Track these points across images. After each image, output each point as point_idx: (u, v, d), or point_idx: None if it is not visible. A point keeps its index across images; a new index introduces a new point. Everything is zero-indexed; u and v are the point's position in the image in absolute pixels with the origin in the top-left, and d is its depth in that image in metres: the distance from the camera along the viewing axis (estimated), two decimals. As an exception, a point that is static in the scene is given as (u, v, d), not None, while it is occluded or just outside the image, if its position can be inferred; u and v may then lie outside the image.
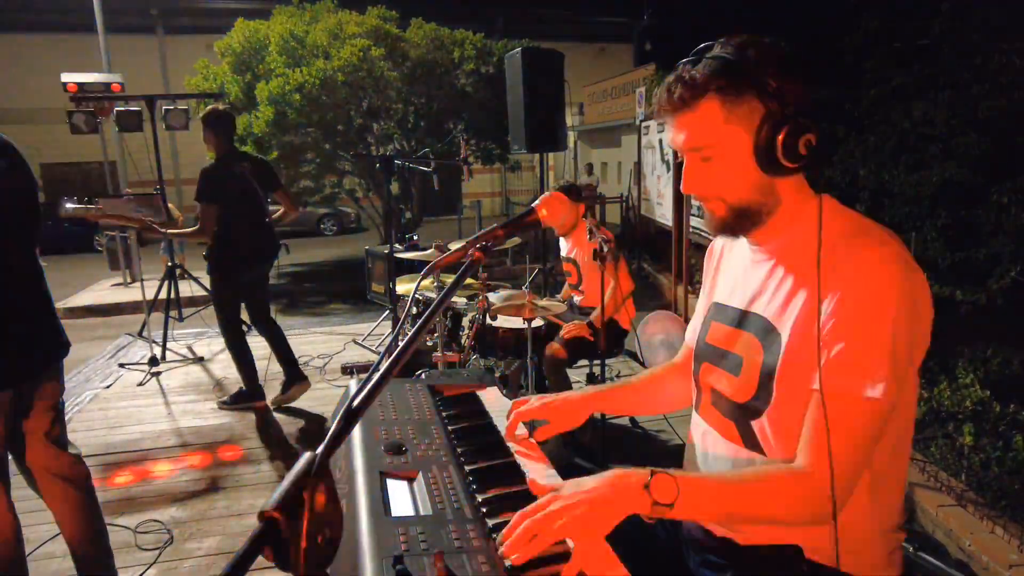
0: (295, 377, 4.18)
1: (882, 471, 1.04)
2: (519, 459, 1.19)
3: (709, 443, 1.19)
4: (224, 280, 3.96)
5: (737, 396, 1.11)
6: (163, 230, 3.88)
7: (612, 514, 0.89)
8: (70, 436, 3.92)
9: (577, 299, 3.72)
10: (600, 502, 0.89)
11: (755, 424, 1.08)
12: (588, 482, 0.92)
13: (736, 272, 1.20)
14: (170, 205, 5.88)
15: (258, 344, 4.59)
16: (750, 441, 1.09)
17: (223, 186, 3.79)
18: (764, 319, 1.08)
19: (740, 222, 1.08)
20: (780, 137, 0.97)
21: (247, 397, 4.14)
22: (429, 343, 3.77)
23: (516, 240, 4.32)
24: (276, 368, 4.93)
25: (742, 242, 1.18)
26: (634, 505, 0.90)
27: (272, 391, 4.21)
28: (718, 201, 1.07)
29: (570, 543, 0.90)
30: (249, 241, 3.94)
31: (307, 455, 0.65)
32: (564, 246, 3.76)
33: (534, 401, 1.31)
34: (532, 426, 1.33)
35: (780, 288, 1.07)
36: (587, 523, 0.87)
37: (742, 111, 0.99)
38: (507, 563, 0.85)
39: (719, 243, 1.32)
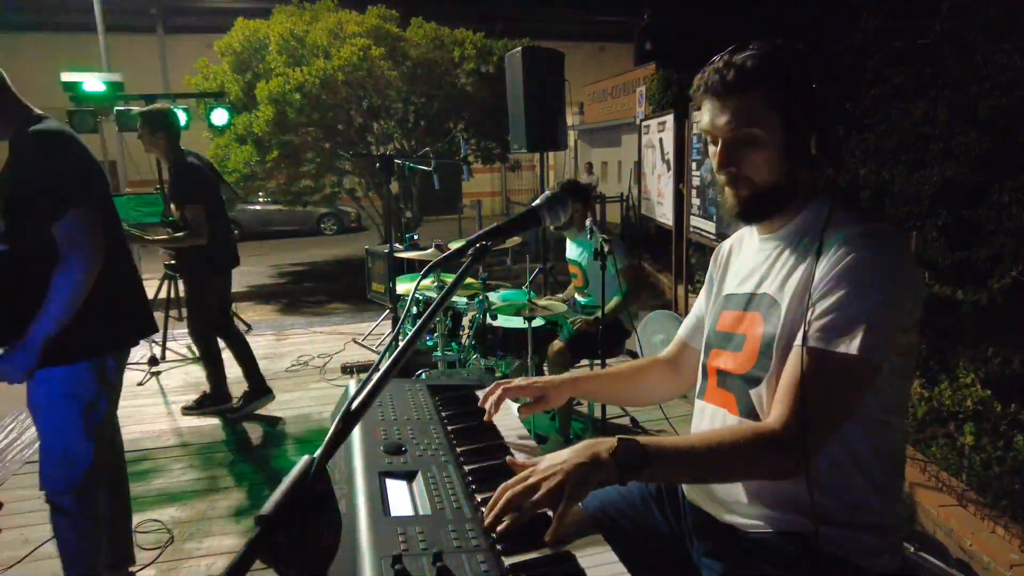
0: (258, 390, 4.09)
1: (879, 457, 1.07)
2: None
3: (710, 421, 1.22)
4: (206, 284, 3.84)
5: (740, 369, 1.16)
6: (151, 238, 3.61)
7: (585, 483, 0.94)
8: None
9: (583, 300, 3.70)
10: (574, 472, 0.94)
11: (753, 393, 1.12)
12: (562, 454, 0.97)
13: (746, 264, 1.26)
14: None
15: (254, 344, 4.58)
16: (747, 410, 1.13)
17: (204, 185, 3.66)
18: (768, 295, 1.14)
19: (761, 207, 1.14)
20: (814, 132, 1.07)
21: (213, 401, 4.05)
22: (429, 343, 3.77)
23: (516, 240, 4.31)
24: (277, 367, 4.93)
25: (751, 239, 1.26)
26: (605, 472, 0.95)
27: (274, 391, 4.19)
28: (746, 182, 1.12)
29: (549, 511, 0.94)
30: (225, 243, 3.84)
31: (305, 458, 0.65)
32: (570, 247, 3.74)
33: (519, 380, 1.36)
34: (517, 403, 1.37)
35: (783, 267, 1.14)
36: (562, 493, 0.92)
37: (783, 103, 1.07)
38: (492, 534, 0.91)
39: (727, 244, 1.37)
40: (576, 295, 3.77)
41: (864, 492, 1.06)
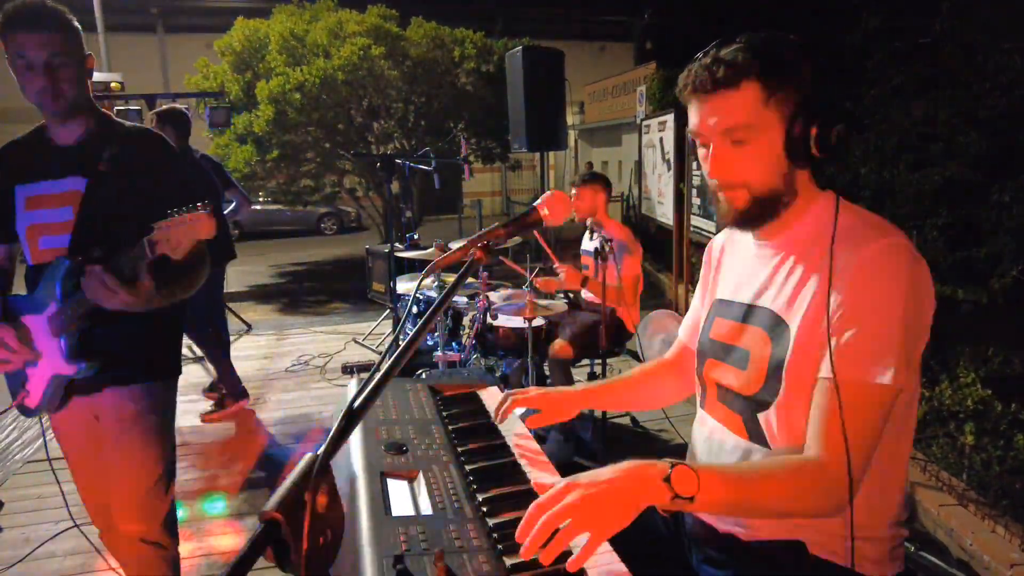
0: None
1: (883, 465, 1.05)
2: (522, 463, 1.19)
3: (715, 438, 1.19)
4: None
5: (745, 389, 1.11)
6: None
7: (631, 506, 0.85)
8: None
9: (587, 294, 3.70)
10: (620, 493, 0.85)
11: (761, 417, 1.08)
12: (605, 472, 0.87)
13: (740, 268, 1.20)
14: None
15: (254, 344, 4.59)
16: (755, 434, 1.10)
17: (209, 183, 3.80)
18: (771, 312, 1.08)
19: (760, 213, 1.07)
20: (814, 127, 1.00)
21: (232, 399, 4.04)
22: (430, 343, 3.77)
23: (517, 239, 4.32)
24: (277, 367, 4.93)
25: (744, 239, 1.19)
26: (653, 497, 0.87)
27: (274, 391, 4.20)
28: (742, 189, 1.06)
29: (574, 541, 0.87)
30: (224, 238, 3.93)
31: (308, 456, 0.65)
32: (586, 239, 3.75)
33: (532, 391, 1.33)
34: (525, 413, 1.34)
35: (788, 281, 1.08)
36: (606, 516, 0.83)
37: (779, 97, 1.00)
38: (509, 564, 0.85)
39: (719, 241, 1.33)
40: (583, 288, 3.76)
41: (864, 502, 1.02)
